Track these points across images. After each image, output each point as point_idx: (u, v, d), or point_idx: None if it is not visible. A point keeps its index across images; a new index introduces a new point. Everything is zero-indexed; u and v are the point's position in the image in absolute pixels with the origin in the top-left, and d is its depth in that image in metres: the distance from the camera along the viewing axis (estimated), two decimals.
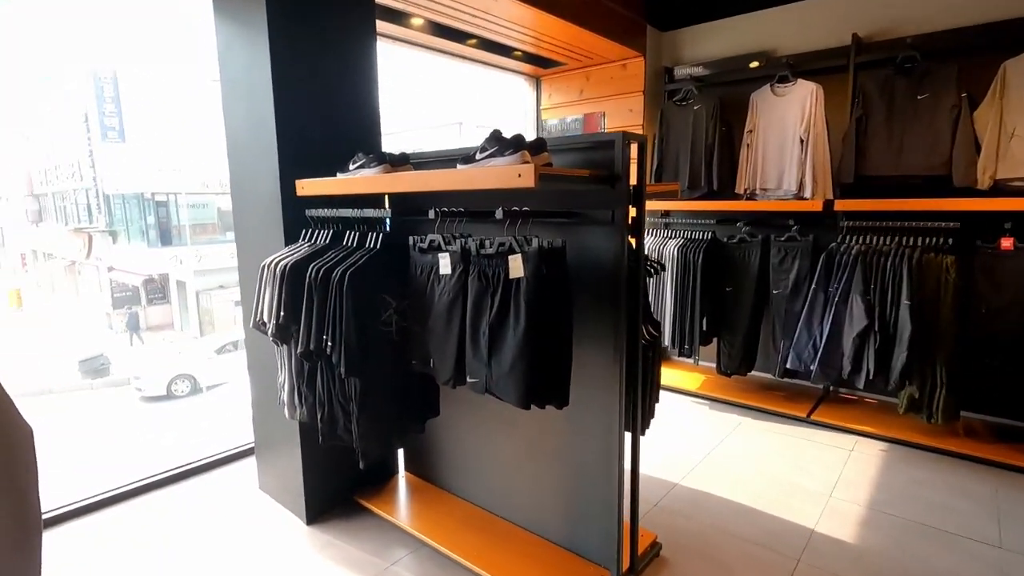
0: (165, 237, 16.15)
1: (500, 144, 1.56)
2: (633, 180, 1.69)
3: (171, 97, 18.06)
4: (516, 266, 1.47)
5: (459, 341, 1.63)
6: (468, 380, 1.61)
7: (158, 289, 18.40)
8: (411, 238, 1.78)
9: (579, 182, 1.63)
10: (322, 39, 2.19)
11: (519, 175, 1.39)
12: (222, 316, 16.51)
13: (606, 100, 4.30)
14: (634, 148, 1.69)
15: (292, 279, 1.81)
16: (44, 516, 2.28)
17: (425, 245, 1.73)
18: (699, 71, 3.97)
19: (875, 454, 2.93)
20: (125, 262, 16.99)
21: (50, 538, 2.21)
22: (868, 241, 3.04)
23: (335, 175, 2.03)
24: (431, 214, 1.74)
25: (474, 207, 1.83)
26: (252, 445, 2.67)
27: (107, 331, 17.80)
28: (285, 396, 2.01)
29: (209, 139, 18.91)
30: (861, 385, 2.97)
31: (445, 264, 1.65)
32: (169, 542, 2.22)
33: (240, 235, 2.42)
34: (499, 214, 1.53)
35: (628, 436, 1.84)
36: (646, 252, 2.36)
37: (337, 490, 2.40)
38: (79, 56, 17.69)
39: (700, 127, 3.76)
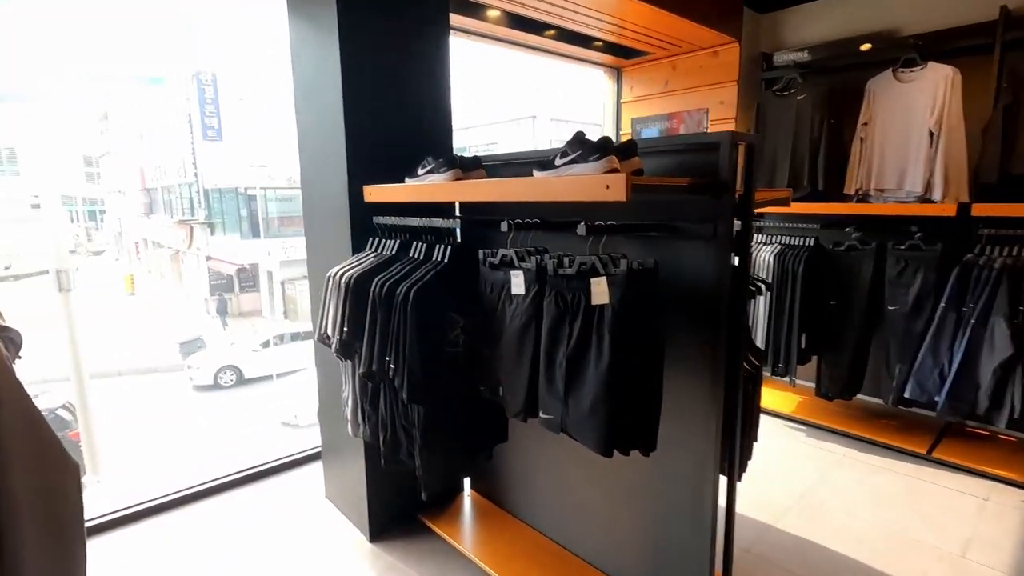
0: (256, 229, 17.14)
1: (583, 148, 1.36)
2: (740, 188, 1.44)
3: (262, 97, 19.14)
4: (600, 291, 1.27)
5: (531, 371, 1.45)
6: (541, 415, 1.43)
7: (249, 278, 19.64)
8: (481, 252, 1.62)
9: (676, 192, 1.40)
10: (395, 35, 2.07)
11: (607, 186, 1.18)
12: (304, 306, 17.37)
13: (694, 91, 3.95)
14: (741, 151, 1.43)
15: (356, 293, 1.70)
16: (114, 516, 2.35)
17: (496, 260, 1.56)
18: (804, 56, 3.54)
19: (1017, 506, 2.47)
20: (221, 252, 18.24)
21: (116, 539, 2.27)
22: (1015, 253, 2.56)
23: (403, 180, 1.91)
24: (503, 226, 1.56)
25: (551, 217, 1.64)
26: (320, 449, 2.64)
27: (205, 316, 19.25)
28: (348, 412, 1.92)
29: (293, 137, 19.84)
30: (1002, 424, 2.51)
31: (518, 283, 1.47)
32: (231, 549, 2.21)
33: (310, 238, 2.36)
34: (581, 230, 1.32)
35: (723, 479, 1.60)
36: None
37: (401, 508, 2.30)
38: (185, 59, 19.09)
39: (804, 119, 3.35)
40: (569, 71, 4.34)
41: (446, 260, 1.65)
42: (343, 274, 1.78)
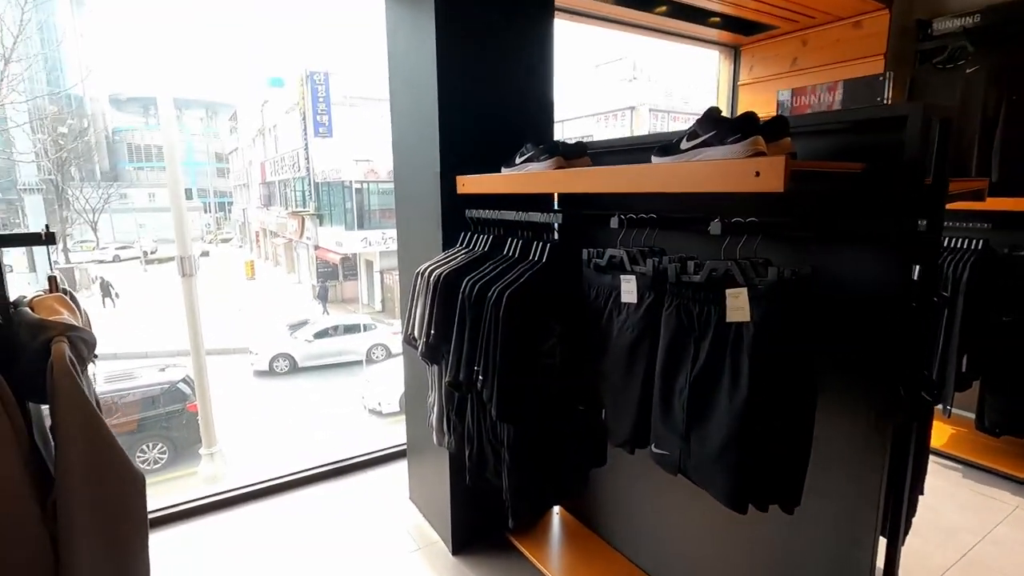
0: (360, 220, 18.04)
1: (719, 127, 1.10)
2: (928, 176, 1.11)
3: (368, 94, 20.03)
4: (738, 305, 1.01)
5: (642, 395, 1.22)
6: (653, 450, 1.19)
7: (352, 267, 20.76)
8: (585, 252, 1.40)
9: (842, 180, 1.10)
10: (495, 13, 1.89)
11: (756, 173, 0.92)
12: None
13: (828, 69, 3.44)
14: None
15: (445, 293, 1.56)
16: (204, 502, 2.40)
17: (603, 262, 1.34)
18: (974, 21, 2.94)
19: None
20: (328, 242, 19.41)
21: (203, 526, 2.31)
22: None
23: (500, 170, 1.74)
24: (613, 222, 1.33)
25: (669, 212, 1.39)
26: (405, 447, 2.56)
27: (311, 301, 20.62)
28: (434, 420, 1.79)
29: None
30: None
31: (629, 290, 1.24)
32: (311, 545, 2.18)
33: (401, 232, 2.27)
34: (716, 228, 1.07)
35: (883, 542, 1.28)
36: None
37: (488, 522, 2.15)
38: (302, 60, 20.44)
39: (975, 96, 2.78)
40: (676, 54, 3.97)
41: (544, 260, 1.45)
42: (432, 271, 1.64)
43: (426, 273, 1.66)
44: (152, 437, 8.06)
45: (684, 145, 1.17)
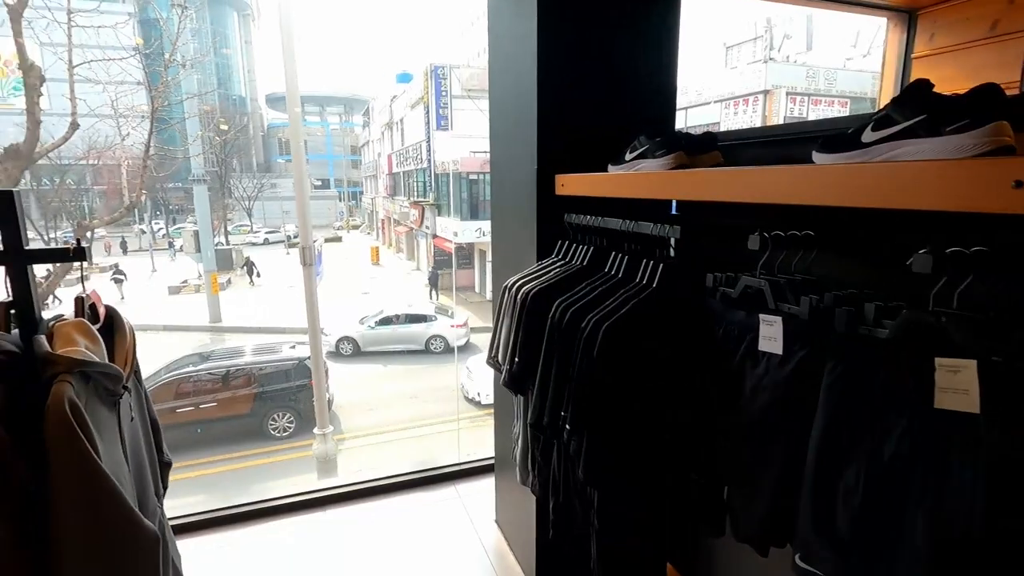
0: (474, 211, 18.42)
1: (932, 108, 0.74)
2: None
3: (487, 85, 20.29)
4: (960, 385, 0.65)
5: (782, 481, 0.89)
6: (797, 562, 0.86)
7: (466, 256, 21.33)
8: (710, 277, 1.08)
9: None
10: None
11: (1017, 182, 0.57)
12: None
13: None
14: None
15: (533, 315, 1.31)
16: (297, 499, 2.38)
17: (736, 293, 1.02)
18: None
19: None
20: (445, 231, 20.10)
21: (283, 527, 2.29)
22: None
23: (607, 168, 1.45)
24: (753, 241, 1.00)
25: (840, 227, 1.02)
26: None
27: (426, 287, 21.56)
28: (518, 453, 1.57)
29: None
30: None
31: (772, 335, 0.91)
32: (388, 559, 2.07)
33: (495, 236, 2.06)
34: (923, 264, 0.71)
35: None
36: None
37: (576, 559, 1.90)
38: (427, 55, 21.24)
39: None
40: (820, 26, 3.34)
41: (655, 284, 1.15)
42: (520, 286, 1.41)
43: (513, 288, 1.43)
44: (283, 408, 8.83)
45: (868, 136, 0.82)
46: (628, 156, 1.37)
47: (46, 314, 0.88)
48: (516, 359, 1.34)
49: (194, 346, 13.38)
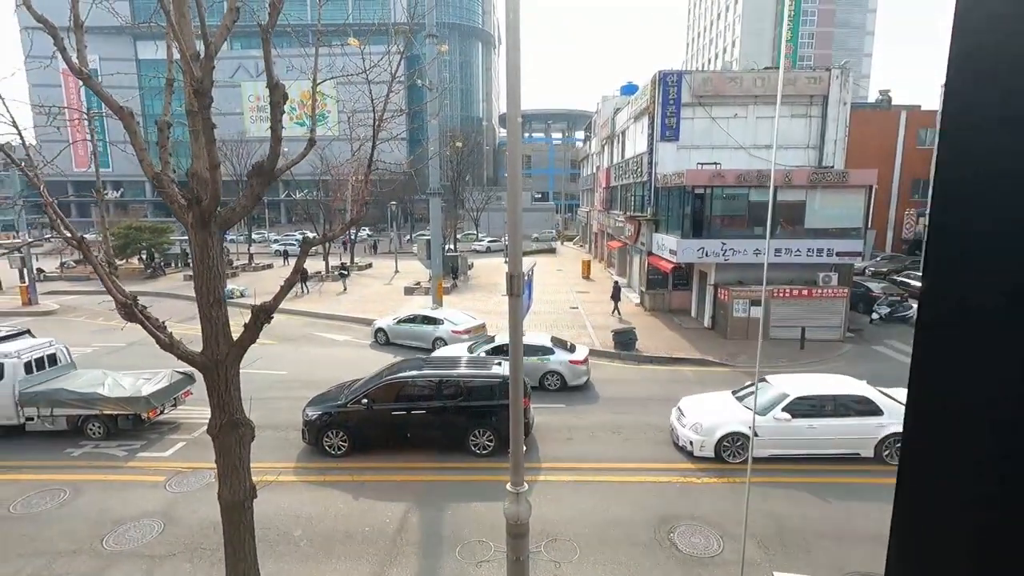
0: (697, 228, 16.73)
1: None
2: None
3: (721, 90, 18.36)
4: None
5: None
6: None
7: (683, 276, 19.61)
8: None
9: None
10: None
11: None
12: (735, 314, 15.97)
13: None
14: None
15: None
16: None
17: None
18: None
19: None
20: (661, 248, 18.73)
21: None
22: None
23: None
24: None
25: None
26: None
27: (637, 308, 20.38)
28: None
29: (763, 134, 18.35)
30: None
31: None
32: None
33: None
34: None
35: None
36: None
37: None
38: (654, 63, 20.18)
39: None
40: None
41: None
42: None
43: None
44: (484, 425, 8.73)
45: None
46: None
47: None
48: None
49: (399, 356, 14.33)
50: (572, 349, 12.30)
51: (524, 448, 4.45)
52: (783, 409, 8.45)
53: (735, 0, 58.19)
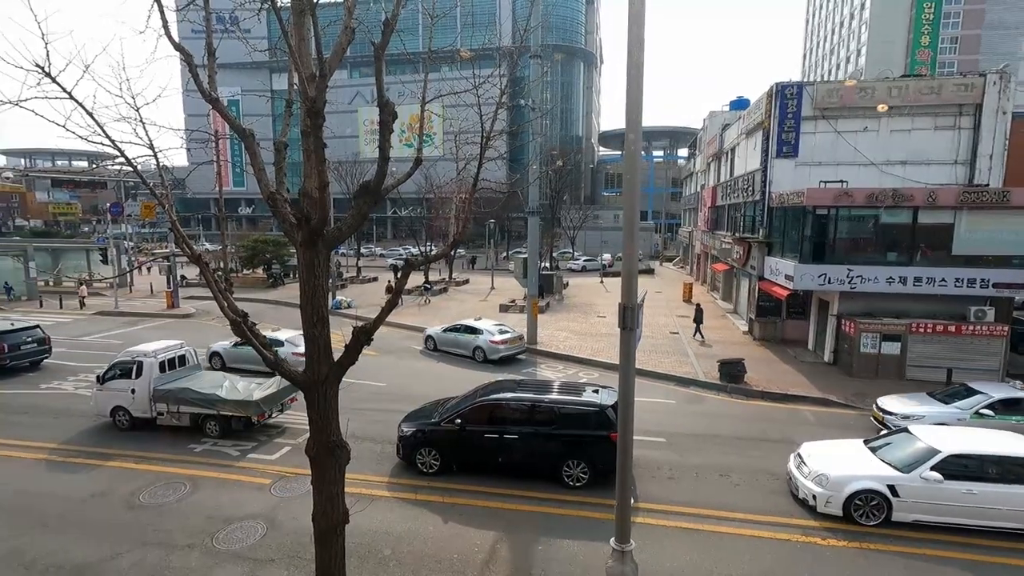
0: (818, 252, 15.20)
1: None
2: None
3: (850, 101, 16.74)
4: None
5: None
6: None
7: (799, 304, 17.91)
8: None
9: None
10: None
11: None
12: (863, 349, 14.20)
13: None
14: None
15: None
16: None
17: None
18: None
19: None
20: (774, 273, 17.24)
21: None
22: None
23: None
24: None
25: None
26: None
27: (742, 334, 18.86)
28: None
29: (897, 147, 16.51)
30: None
31: None
32: None
33: None
34: None
35: None
36: None
37: None
38: (770, 76, 18.83)
39: None
40: None
41: None
42: None
43: None
44: (578, 455, 8.26)
45: None
46: None
47: None
48: None
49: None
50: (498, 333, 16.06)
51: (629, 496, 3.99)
52: (932, 468, 7.20)
53: (861, 7, 53.77)
